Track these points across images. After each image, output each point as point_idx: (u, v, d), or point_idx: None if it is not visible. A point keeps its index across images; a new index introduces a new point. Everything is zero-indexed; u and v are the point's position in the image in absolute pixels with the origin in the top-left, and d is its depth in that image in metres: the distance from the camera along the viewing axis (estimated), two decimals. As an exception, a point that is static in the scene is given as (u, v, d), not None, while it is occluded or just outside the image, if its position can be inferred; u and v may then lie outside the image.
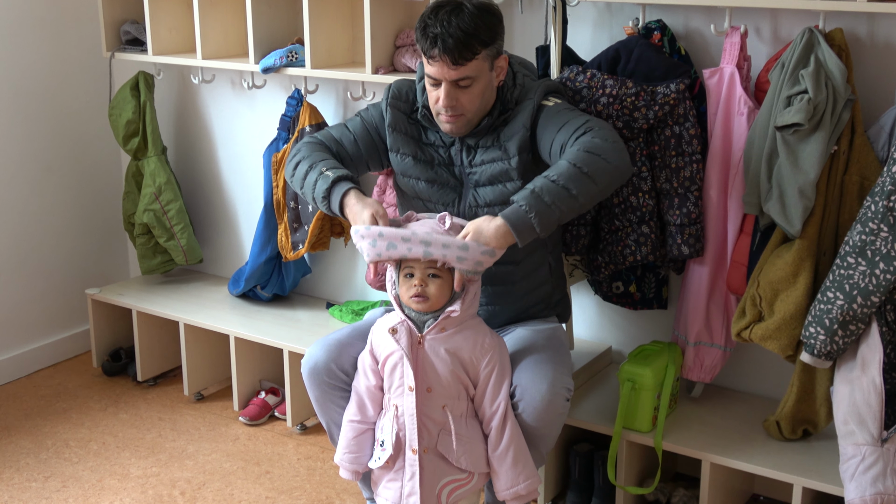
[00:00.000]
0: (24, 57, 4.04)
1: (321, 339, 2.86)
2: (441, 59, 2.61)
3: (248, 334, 3.74)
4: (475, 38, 2.61)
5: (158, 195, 4.02)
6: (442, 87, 2.67)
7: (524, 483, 2.62)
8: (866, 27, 2.80)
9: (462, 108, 2.69)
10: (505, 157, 2.75)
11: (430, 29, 2.62)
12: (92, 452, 3.61)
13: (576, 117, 2.68)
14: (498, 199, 2.77)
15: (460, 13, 2.61)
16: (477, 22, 2.61)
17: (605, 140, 2.57)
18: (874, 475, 2.59)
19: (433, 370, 2.58)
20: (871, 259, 2.56)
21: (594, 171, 2.52)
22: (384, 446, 2.62)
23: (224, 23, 3.82)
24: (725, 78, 2.87)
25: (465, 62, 2.61)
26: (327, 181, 2.71)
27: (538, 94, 2.77)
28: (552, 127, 2.70)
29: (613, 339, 3.46)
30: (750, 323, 2.84)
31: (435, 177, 2.83)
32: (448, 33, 2.59)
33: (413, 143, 2.85)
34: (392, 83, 2.91)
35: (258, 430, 3.76)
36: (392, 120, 2.85)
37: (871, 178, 2.66)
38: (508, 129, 2.77)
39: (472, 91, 2.67)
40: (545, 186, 2.50)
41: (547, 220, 2.50)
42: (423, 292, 2.56)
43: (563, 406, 2.65)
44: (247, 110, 4.06)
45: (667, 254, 3.01)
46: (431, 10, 2.64)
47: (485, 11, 2.65)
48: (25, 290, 4.20)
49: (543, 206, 2.49)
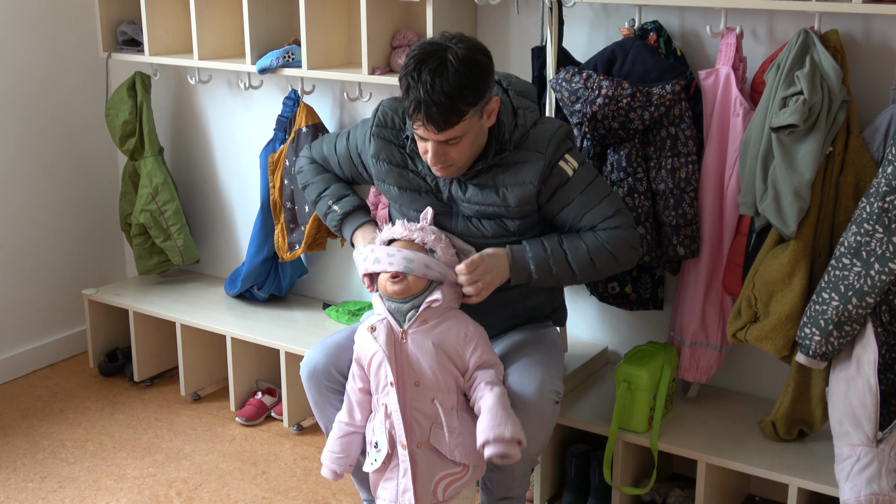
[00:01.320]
0: (21, 57, 4.04)
1: (320, 341, 2.86)
2: (425, 126, 2.51)
3: (244, 335, 3.74)
4: (461, 101, 2.48)
5: (155, 195, 4.02)
6: (429, 145, 2.58)
7: (510, 428, 2.47)
8: (862, 28, 2.81)
9: (452, 160, 2.61)
10: (502, 205, 2.69)
11: (412, 91, 2.48)
12: (88, 453, 3.61)
13: (602, 200, 2.70)
14: (497, 232, 2.74)
15: (444, 72, 2.45)
16: (462, 82, 2.46)
17: (629, 243, 2.72)
18: (869, 475, 2.59)
19: (419, 364, 2.59)
20: (867, 260, 2.56)
21: (604, 268, 2.73)
22: (378, 447, 2.62)
23: (221, 23, 3.82)
24: (721, 79, 2.87)
25: (451, 126, 2.51)
26: (336, 217, 2.93)
27: (550, 150, 2.66)
28: (575, 206, 2.69)
29: (609, 339, 3.47)
30: (745, 324, 2.85)
31: (423, 206, 2.77)
32: (432, 100, 2.45)
33: (397, 172, 2.77)
34: (380, 106, 2.81)
35: (255, 431, 3.76)
36: (375, 150, 2.78)
37: (867, 180, 2.67)
38: (509, 176, 2.67)
39: (462, 145, 2.58)
40: (559, 261, 2.68)
41: (545, 281, 2.71)
42: (401, 275, 2.60)
43: (551, 409, 2.65)
44: (243, 111, 4.06)
45: (662, 254, 3.01)
46: (414, 67, 2.48)
47: (471, 65, 2.49)
48: (22, 291, 4.20)
49: (547, 274, 2.69)
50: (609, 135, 2.94)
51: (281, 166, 3.69)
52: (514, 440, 2.47)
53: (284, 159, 3.68)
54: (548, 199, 2.70)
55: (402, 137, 2.77)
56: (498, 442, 2.47)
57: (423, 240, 2.67)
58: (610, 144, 3.00)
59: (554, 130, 2.70)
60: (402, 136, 2.77)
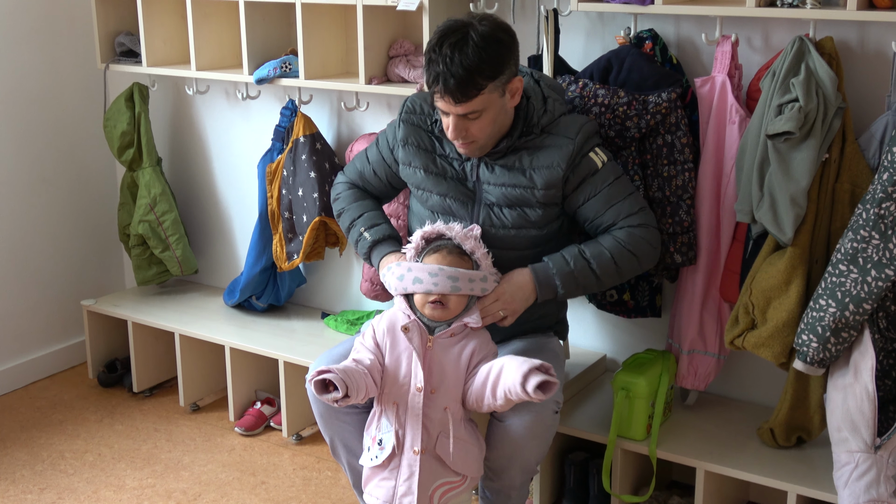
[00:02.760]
0: (19, 68, 4.05)
1: (325, 353, 2.86)
2: (443, 98, 2.58)
3: (243, 345, 3.74)
4: (479, 75, 2.54)
5: (153, 206, 4.03)
6: (450, 118, 2.64)
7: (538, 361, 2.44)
8: (856, 35, 2.81)
9: (472, 136, 2.66)
10: (530, 186, 2.72)
11: (433, 65, 2.57)
12: (88, 464, 3.60)
13: (627, 196, 2.74)
14: (518, 222, 2.76)
15: (464, 47, 2.53)
16: (481, 55, 2.53)
17: (650, 242, 2.75)
18: (868, 482, 2.59)
19: (441, 372, 2.58)
20: (863, 266, 2.56)
21: (626, 271, 2.76)
22: (382, 445, 2.60)
23: (218, 34, 3.83)
24: (717, 87, 2.88)
25: (469, 99, 2.57)
26: (366, 245, 2.89)
27: (580, 138, 2.71)
28: (601, 198, 2.73)
29: (608, 347, 3.47)
30: (743, 331, 2.85)
31: (447, 190, 2.80)
32: (450, 72, 2.53)
33: (425, 154, 2.82)
34: (406, 99, 2.90)
35: (254, 441, 3.76)
36: (404, 134, 2.85)
37: (863, 186, 2.67)
38: (536, 158, 2.72)
39: (482, 121, 2.63)
40: (582, 270, 2.71)
41: (571, 293, 2.75)
42: (443, 300, 2.57)
43: (551, 419, 2.65)
44: (241, 121, 4.07)
45: (660, 262, 3.02)
46: (437, 42, 2.57)
47: (491, 42, 2.56)
48: (21, 302, 4.20)
49: (573, 286, 2.73)
50: (605, 143, 2.95)
51: (279, 176, 3.70)
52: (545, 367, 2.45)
53: (282, 169, 3.68)
54: (575, 188, 2.74)
55: (430, 123, 2.83)
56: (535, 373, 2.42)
57: (473, 249, 2.65)
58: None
59: (584, 121, 2.77)
60: (430, 122, 2.83)
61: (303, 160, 3.61)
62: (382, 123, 3.65)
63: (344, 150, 3.78)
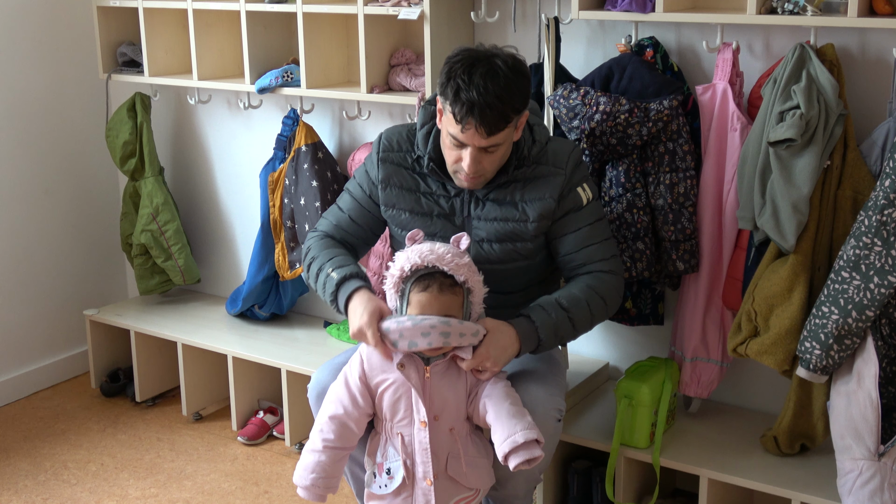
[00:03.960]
0: (22, 79, 4.06)
1: (327, 362, 2.84)
2: (476, 129, 2.49)
3: (246, 354, 3.74)
4: (511, 108, 2.50)
5: (156, 215, 4.03)
6: (467, 152, 2.56)
7: (521, 431, 2.44)
8: (857, 42, 2.81)
9: (484, 170, 2.61)
10: (522, 220, 2.68)
11: (463, 93, 2.47)
12: (90, 474, 3.60)
13: (603, 241, 2.72)
14: (507, 257, 2.72)
15: (495, 76, 2.47)
16: (512, 88, 2.48)
17: (617, 290, 2.74)
18: (872, 489, 2.58)
19: (441, 399, 2.56)
20: (866, 273, 2.56)
21: (596, 317, 2.71)
22: (392, 474, 2.59)
23: (220, 44, 3.84)
24: (718, 94, 2.88)
25: (498, 132, 2.51)
26: (332, 284, 2.69)
27: (570, 167, 2.68)
28: (578, 236, 2.70)
29: (610, 355, 3.46)
30: (746, 338, 2.84)
31: (435, 229, 2.73)
32: (486, 103, 2.45)
33: (409, 194, 2.75)
34: (381, 135, 2.80)
35: (256, 450, 3.76)
36: (385, 175, 2.76)
37: (865, 193, 2.67)
38: (528, 191, 2.68)
39: (496, 154, 2.59)
40: (562, 321, 2.64)
41: (550, 345, 2.67)
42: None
43: (553, 427, 2.64)
44: (243, 130, 4.07)
45: (662, 270, 3.01)
46: (464, 69, 2.48)
47: (518, 73, 2.52)
48: (23, 312, 4.20)
49: (552, 337, 2.65)
50: (607, 151, 2.95)
51: (281, 185, 3.70)
52: (530, 443, 2.45)
53: (284, 178, 3.69)
54: (559, 219, 2.71)
55: (410, 160, 2.75)
56: (517, 452, 2.44)
57: (466, 277, 2.53)
58: (608, 160, 3.00)
59: (571, 149, 2.72)
60: (410, 159, 2.75)
61: (305, 169, 3.61)
62: (384, 132, 3.66)
63: (346, 158, 3.79)
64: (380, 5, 3.32)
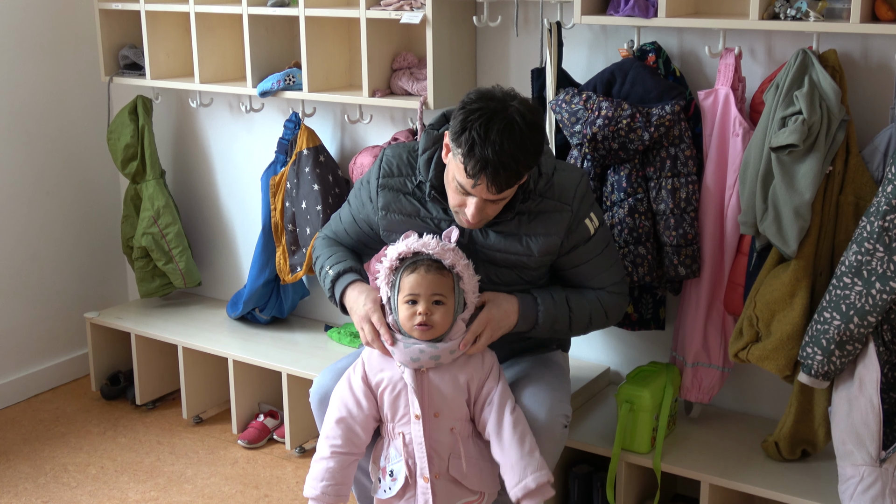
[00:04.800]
0: (23, 81, 4.06)
1: (329, 367, 2.85)
2: (487, 186, 2.43)
3: (246, 357, 3.74)
4: (524, 166, 2.43)
5: (157, 218, 4.03)
6: (472, 200, 2.50)
7: (532, 475, 2.48)
8: (860, 48, 2.82)
9: (487, 216, 2.57)
10: (527, 254, 2.66)
11: (478, 149, 2.38)
12: (90, 477, 3.60)
13: (613, 265, 2.77)
14: (511, 280, 2.71)
15: (511, 133, 2.38)
16: (527, 146, 2.41)
17: (621, 309, 2.81)
18: (873, 495, 2.58)
19: (440, 395, 2.56)
20: (868, 279, 2.56)
21: (594, 326, 2.80)
22: (395, 476, 2.59)
23: (222, 47, 3.84)
24: (720, 99, 2.88)
25: (508, 188, 2.47)
26: (328, 279, 2.76)
27: (576, 205, 2.65)
28: (593, 266, 2.74)
29: (611, 360, 3.46)
30: (747, 343, 2.84)
31: None
32: (501, 162, 2.37)
33: (410, 221, 2.70)
34: (382, 157, 2.76)
35: (257, 454, 3.76)
36: (384, 202, 2.72)
37: (867, 199, 2.67)
38: (534, 226, 2.64)
39: (502, 203, 2.55)
40: (563, 316, 2.70)
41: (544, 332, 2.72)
42: (429, 321, 2.52)
43: (560, 433, 2.65)
44: (245, 134, 4.07)
45: (664, 275, 3.01)
46: (481, 123, 2.38)
47: (535, 130, 2.44)
48: (24, 314, 4.20)
49: (549, 326, 2.69)
50: (609, 155, 2.95)
51: (282, 189, 3.70)
52: (542, 486, 2.51)
53: (285, 182, 3.69)
54: (567, 252, 2.71)
55: (411, 185, 2.71)
56: (530, 497, 2.51)
57: (454, 262, 2.55)
58: (610, 165, 3.00)
59: (577, 181, 2.68)
60: (410, 184, 2.71)
61: (306, 173, 3.61)
62: (386, 136, 3.66)
63: (347, 162, 3.79)
64: (382, 9, 3.32)
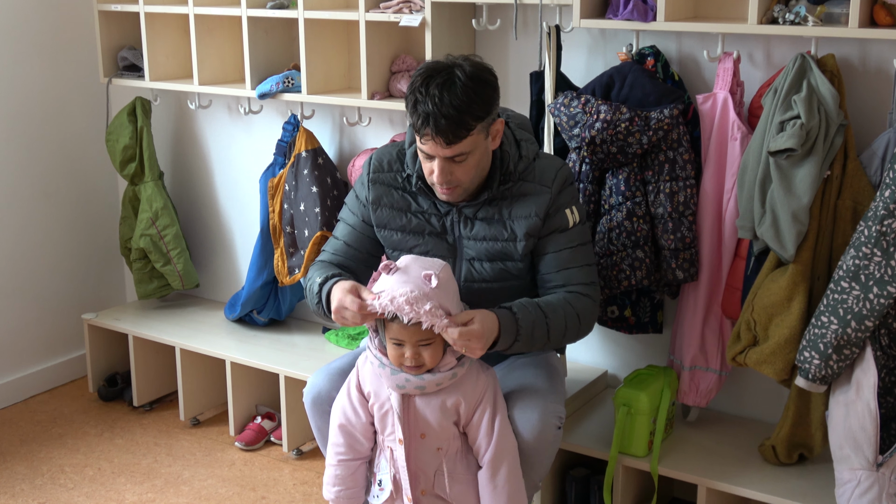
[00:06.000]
0: (22, 82, 4.06)
1: (323, 367, 2.85)
2: (434, 139, 2.50)
3: (244, 359, 3.74)
4: (469, 115, 2.48)
5: (155, 220, 4.03)
6: (436, 163, 2.56)
7: None
8: (858, 53, 2.82)
9: (457, 180, 2.59)
10: (511, 239, 2.68)
11: (420, 105, 2.48)
12: (87, 478, 3.60)
13: (583, 266, 2.70)
14: (498, 276, 2.72)
15: (452, 86, 2.47)
16: (470, 96, 2.47)
17: (592, 314, 2.71)
18: (870, 500, 2.58)
19: (425, 420, 2.55)
20: (865, 283, 2.56)
21: (569, 335, 2.69)
22: (382, 486, 2.61)
23: (221, 49, 3.84)
24: (719, 103, 2.88)
25: (459, 141, 2.50)
26: (315, 288, 2.67)
27: (556, 186, 2.67)
28: (559, 257, 2.69)
29: (609, 363, 3.46)
30: (745, 347, 2.84)
31: (427, 247, 2.73)
32: (440, 113, 2.45)
33: (401, 214, 2.74)
34: (371, 156, 2.80)
35: (254, 456, 3.75)
36: (375, 196, 2.75)
37: (865, 203, 2.67)
38: (515, 209, 2.67)
39: (468, 164, 2.57)
40: (539, 325, 2.59)
41: (523, 347, 2.61)
42: (418, 362, 2.49)
43: (554, 434, 2.64)
44: (243, 135, 4.07)
45: (661, 278, 3.02)
46: (421, 82, 2.49)
47: (479, 81, 2.51)
48: (22, 315, 4.20)
49: (528, 340, 2.59)
50: (607, 159, 2.95)
51: (280, 191, 3.70)
52: None
53: (284, 184, 3.69)
54: (543, 237, 2.70)
55: (401, 180, 2.74)
56: None
57: (432, 324, 2.42)
58: (608, 168, 3.01)
59: (559, 167, 2.71)
60: (400, 179, 2.75)
61: (305, 175, 3.62)
62: (384, 138, 3.66)
63: (346, 164, 3.79)
64: (381, 12, 3.33)
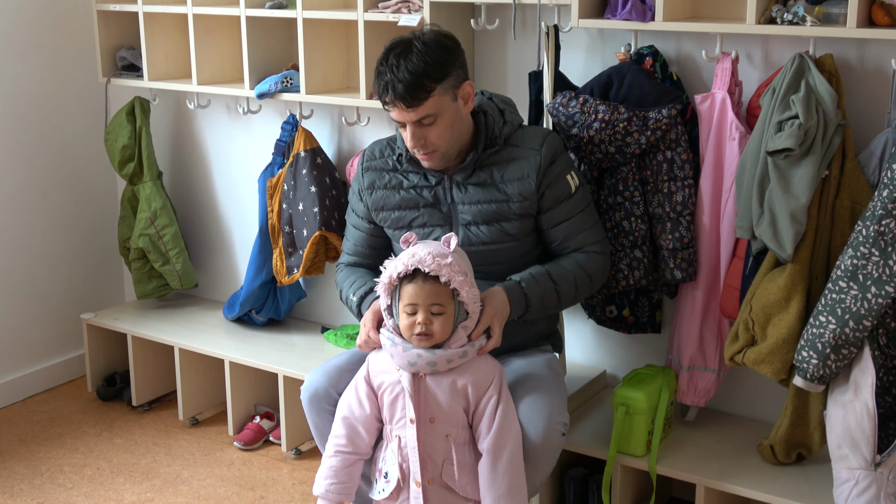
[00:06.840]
0: (21, 82, 4.06)
1: (320, 365, 2.86)
2: (396, 104, 2.64)
3: (243, 359, 3.74)
4: (426, 77, 2.61)
5: (154, 220, 4.03)
6: (407, 128, 2.69)
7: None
8: (856, 53, 2.82)
9: (432, 144, 2.71)
10: (504, 200, 2.77)
11: (381, 77, 2.65)
12: (86, 478, 3.60)
13: (594, 224, 2.85)
14: (495, 238, 2.79)
15: (409, 55, 2.62)
16: (426, 60, 2.62)
17: (604, 269, 2.87)
18: (868, 499, 2.58)
19: (436, 401, 2.56)
20: (863, 283, 2.56)
21: (582, 293, 2.84)
22: (388, 478, 2.61)
23: (219, 48, 3.85)
24: (717, 103, 2.88)
25: (419, 103, 2.63)
26: (354, 305, 2.88)
27: (546, 149, 2.76)
28: (572, 224, 2.81)
29: (607, 363, 3.47)
30: (743, 347, 2.85)
31: (424, 219, 2.82)
32: (397, 78, 2.61)
33: (394, 192, 2.85)
34: (364, 150, 2.95)
35: (253, 455, 3.76)
36: (369, 181, 2.89)
37: (863, 203, 2.68)
38: (507, 171, 2.77)
39: (439, 127, 2.68)
40: (549, 292, 2.75)
41: (535, 313, 2.76)
42: (428, 330, 2.53)
43: (558, 441, 2.65)
44: (242, 135, 4.07)
45: (660, 278, 3.02)
46: (383, 55, 2.67)
47: (435, 47, 2.65)
48: (21, 315, 4.20)
49: (537, 308, 2.75)
50: (606, 159, 2.96)
51: (279, 190, 3.70)
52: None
53: (283, 183, 3.69)
54: (551, 207, 2.79)
55: (391, 162, 2.87)
56: None
57: (450, 278, 2.51)
58: (607, 168, 3.01)
59: (546, 133, 2.84)
60: (391, 162, 2.87)
61: (303, 175, 3.62)
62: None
63: (344, 164, 3.79)
64: (380, 12, 3.33)
